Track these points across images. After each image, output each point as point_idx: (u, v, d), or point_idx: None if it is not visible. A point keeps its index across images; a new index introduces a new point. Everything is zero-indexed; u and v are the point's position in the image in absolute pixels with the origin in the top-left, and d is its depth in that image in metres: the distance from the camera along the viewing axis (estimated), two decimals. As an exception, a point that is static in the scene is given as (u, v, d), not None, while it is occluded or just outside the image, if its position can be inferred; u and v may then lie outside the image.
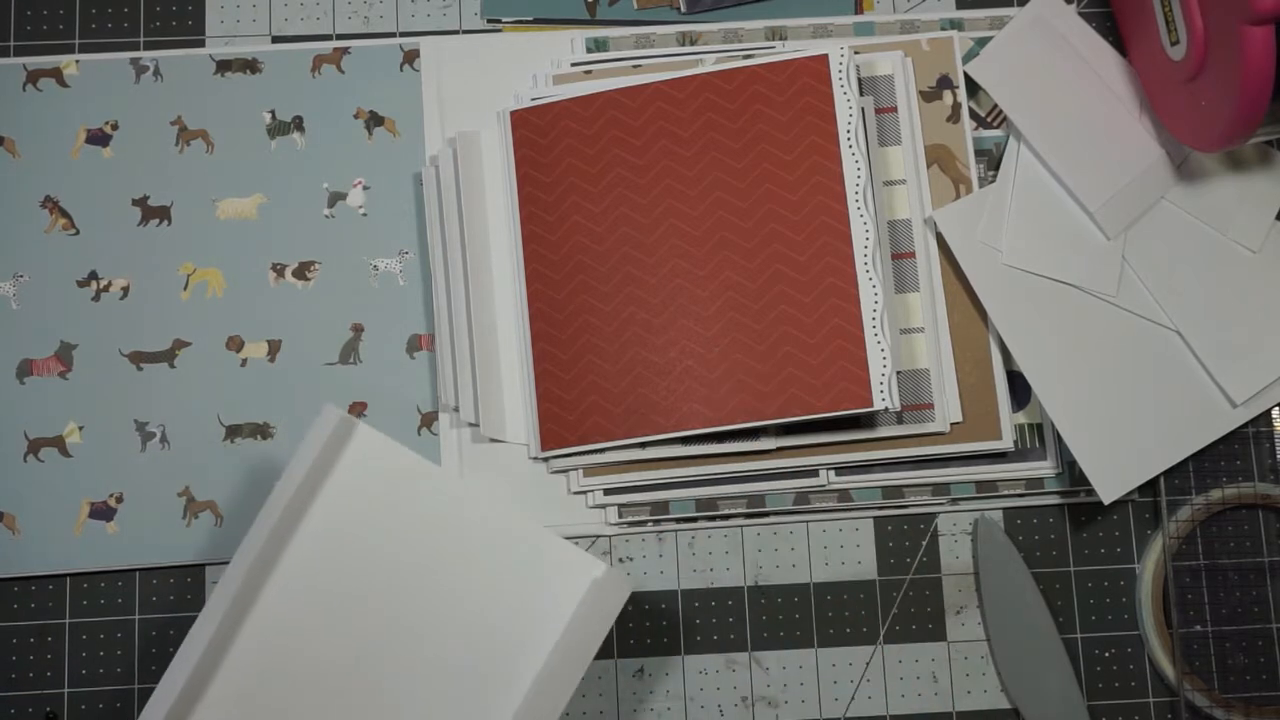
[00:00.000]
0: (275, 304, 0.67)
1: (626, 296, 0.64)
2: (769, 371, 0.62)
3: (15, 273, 0.67)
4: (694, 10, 0.69)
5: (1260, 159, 0.66)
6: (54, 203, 0.67)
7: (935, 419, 0.64)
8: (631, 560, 0.66)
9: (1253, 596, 0.65)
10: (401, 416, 0.66)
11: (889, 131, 0.66)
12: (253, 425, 0.66)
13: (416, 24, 0.70)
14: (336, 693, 0.58)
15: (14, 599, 0.65)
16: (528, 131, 0.66)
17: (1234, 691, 0.65)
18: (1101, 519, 0.66)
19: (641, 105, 0.65)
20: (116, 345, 0.66)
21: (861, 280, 0.62)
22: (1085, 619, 0.65)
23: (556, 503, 0.65)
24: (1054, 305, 0.64)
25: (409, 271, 0.67)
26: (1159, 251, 0.65)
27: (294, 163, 0.68)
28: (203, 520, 0.65)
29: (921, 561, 0.66)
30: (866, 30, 0.68)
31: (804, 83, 0.64)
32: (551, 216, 0.65)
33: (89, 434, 0.65)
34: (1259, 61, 0.54)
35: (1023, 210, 0.65)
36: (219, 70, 0.68)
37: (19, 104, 0.68)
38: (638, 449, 0.64)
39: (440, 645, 0.58)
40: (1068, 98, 0.66)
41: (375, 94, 0.68)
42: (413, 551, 0.59)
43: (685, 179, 0.64)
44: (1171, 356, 0.64)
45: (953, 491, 0.65)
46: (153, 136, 0.68)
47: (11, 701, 0.64)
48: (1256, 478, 0.66)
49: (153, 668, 0.64)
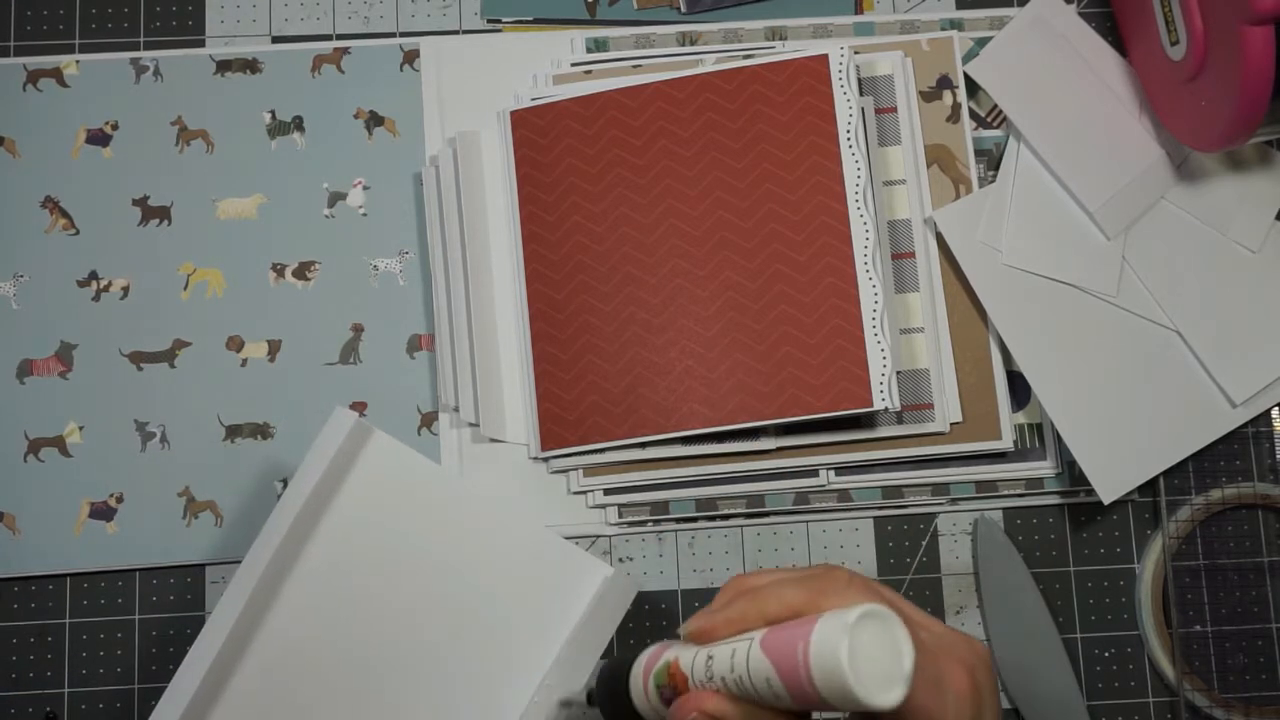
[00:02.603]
0: (275, 304, 0.67)
1: (626, 296, 0.64)
2: (769, 371, 0.62)
3: (15, 273, 0.67)
4: (694, 10, 0.69)
5: (1260, 159, 0.66)
6: (54, 203, 0.67)
7: (935, 419, 0.64)
8: (631, 560, 0.66)
9: (1252, 596, 0.65)
10: (401, 416, 0.66)
11: (889, 131, 0.66)
12: (253, 425, 0.66)
13: (416, 24, 0.70)
14: (346, 694, 0.58)
15: (14, 599, 0.65)
16: (528, 131, 0.66)
17: (1234, 691, 0.65)
18: (1101, 519, 0.66)
19: (641, 105, 0.65)
20: (116, 345, 0.66)
21: (861, 280, 0.62)
22: (1085, 619, 0.65)
23: (556, 503, 0.65)
24: (1054, 305, 0.64)
25: (409, 271, 0.67)
26: (1159, 251, 0.65)
27: (294, 163, 0.68)
28: (203, 520, 0.65)
29: (921, 561, 0.66)
30: (866, 30, 0.68)
31: (804, 83, 0.64)
32: (551, 216, 0.65)
33: (89, 434, 0.65)
34: (1259, 61, 0.54)
35: (1023, 210, 0.65)
36: (219, 70, 0.68)
37: (19, 104, 0.68)
38: (638, 449, 0.64)
39: (449, 647, 0.58)
40: (1068, 98, 0.66)
41: (375, 94, 0.68)
42: (422, 555, 0.59)
43: (685, 179, 0.64)
44: (1171, 356, 0.64)
45: (953, 491, 0.65)
46: (153, 136, 0.68)
47: (11, 701, 0.64)
48: (1256, 478, 0.66)
49: (153, 668, 0.64)
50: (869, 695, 0.34)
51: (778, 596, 0.39)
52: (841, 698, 0.35)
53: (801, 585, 0.39)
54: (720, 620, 0.40)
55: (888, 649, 0.35)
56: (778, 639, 0.37)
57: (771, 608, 0.39)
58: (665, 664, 0.42)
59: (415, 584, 0.59)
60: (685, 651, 0.42)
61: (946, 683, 0.39)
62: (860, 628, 0.35)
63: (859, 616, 0.35)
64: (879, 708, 0.35)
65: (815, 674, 0.35)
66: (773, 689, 0.37)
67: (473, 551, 0.60)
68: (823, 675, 0.35)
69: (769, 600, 0.40)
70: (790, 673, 0.36)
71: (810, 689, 0.35)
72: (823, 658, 0.35)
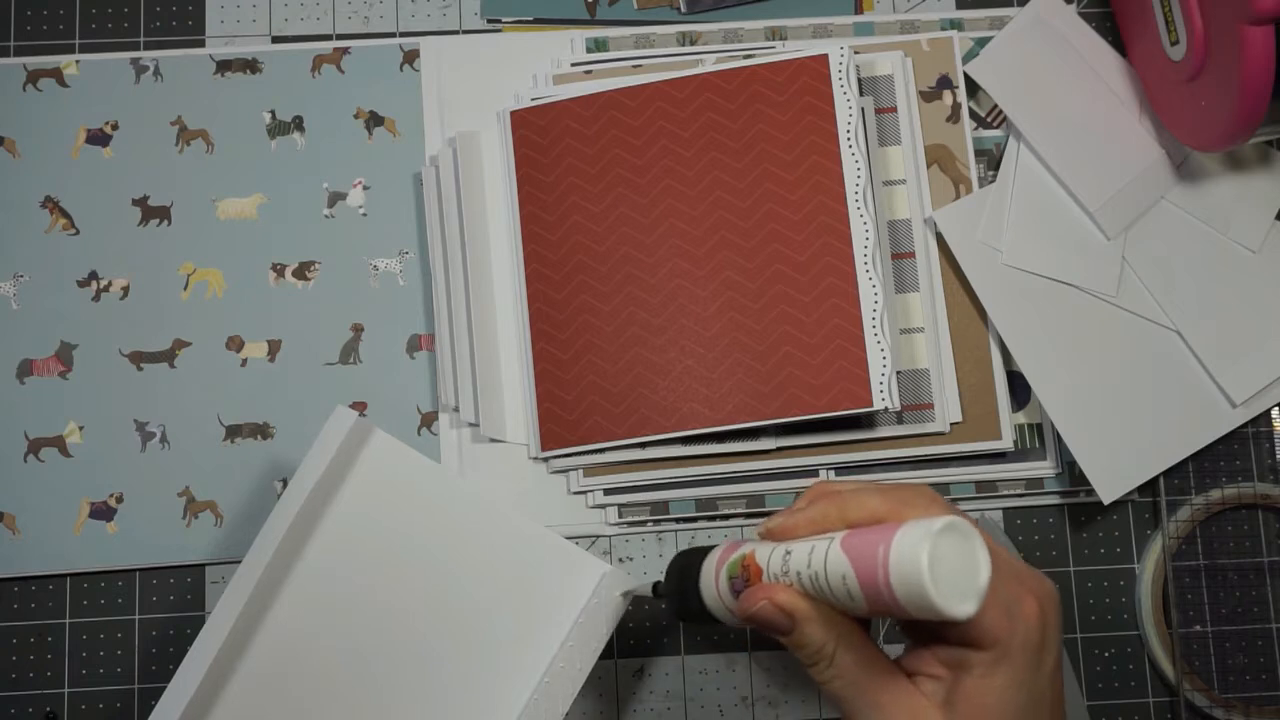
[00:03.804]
0: (275, 304, 0.67)
1: (626, 296, 0.64)
2: (769, 371, 0.62)
3: (15, 273, 0.67)
4: (694, 10, 0.69)
5: (1260, 159, 0.66)
6: (54, 203, 0.67)
7: (935, 419, 0.64)
8: (631, 560, 0.66)
9: (1252, 596, 0.65)
10: (401, 416, 0.66)
11: (889, 131, 0.66)
12: (253, 425, 0.66)
13: (416, 24, 0.70)
14: (344, 693, 0.58)
15: (14, 599, 0.65)
16: (528, 131, 0.66)
17: (1234, 691, 0.65)
18: (1101, 519, 0.66)
19: (641, 105, 0.65)
20: (116, 345, 0.66)
21: (861, 280, 0.62)
22: (1085, 619, 0.65)
23: (556, 503, 0.65)
24: (1054, 305, 0.64)
25: (409, 271, 0.67)
26: (1159, 251, 0.65)
27: (294, 163, 0.68)
28: (203, 520, 0.65)
29: (921, 561, 0.66)
30: (866, 30, 0.68)
31: (804, 83, 0.64)
32: (551, 216, 0.65)
33: (89, 434, 0.65)
34: (1259, 61, 0.54)
35: (1023, 210, 0.65)
36: (219, 70, 0.68)
37: (19, 104, 0.68)
38: (638, 449, 0.64)
39: (448, 646, 0.58)
40: (1068, 98, 0.66)
41: (375, 94, 0.68)
42: (422, 555, 0.59)
43: (685, 179, 0.64)
44: (1171, 356, 0.64)
45: (953, 491, 0.65)
46: (153, 136, 0.68)
47: (11, 701, 0.64)
48: (1256, 478, 0.66)
49: (153, 668, 0.64)
50: (945, 603, 0.35)
51: (860, 502, 0.40)
52: (918, 603, 0.35)
53: (886, 495, 0.40)
54: (802, 519, 0.41)
55: (966, 563, 0.36)
56: (859, 540, 0.38)
57: (853, 512, 0.40)
58: (740, 556, 0.43)
59: (414, 583, 0.59)
60: (762, 547, 0.42)
61: (1016, 607, 0.40)
62: (943, 537, 0.35)
63: (943, 526, 0.35)
64: (952, 618, 0.35)
65: (894, 577, 0.36)
66: (848, 589, 0.38)
67: (472, 551, 0.60)
68: (900, 579, 0.35)
69: (851, 504, 0.40)
70: (868, 574, 0.37)
71: (886, 592, 0.36)
72: (903, 561, 0.35)
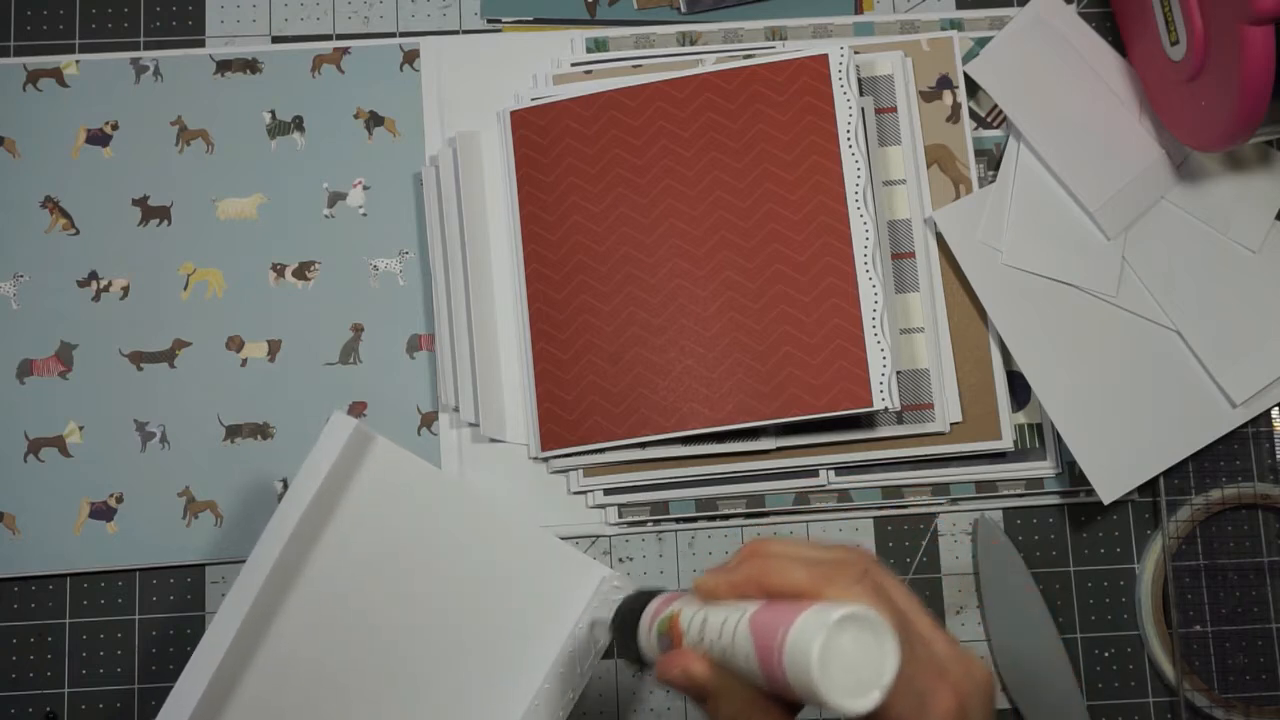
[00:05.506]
0: (275, 304, 0.67)
1: (626, 296, 0.64)
2: (769, 371, 0.62)
3: (15, 273, 0.67)
4: (694, 10, 0.69)
5: (1260, 159, 0.66)
6: (54, 203, 0.67)
7: (935, 419, 0.64)
8: (631, 560, 0.66)
9: (1252, 596, 0.65)
10: (401, 416, 0.66)
11: (889, 131, 0.66)
12: (253, 425, 0.66)
13: (416, 24, 0.70)
14: (347, 697, 0.58)
15: (14, 599, 0.65)
16: (528, 131, 0.66)
17: (1234, 691, 0.65)
18: (1101, 519, 0.66)
19: (641, 105, 0.65)
20: (116, 345, 0.66)
21: (861, 280, 0.62)
22: (1085, 619, 0.65)
23: (556, 503, 0.65)
24: (1054, 305, 0.64)
25: (409, 271, 0.67)
26: (1159, 251, 0.65)
27: (294, 163, 0.68)
28: (203, 520, 0.65)
29: (921, 561, 0.66)
30: (866, 30, 0.68)
31: (804, 83, 0.64)
32: (551, 216, 0.65)
33: (89, 434, 0.65)
34: (1259, 61, 0.54)
35: (1023, 210, 0.65)
36: (219, 70, 0.68)
37: (19, 104, 0.68)
38: (638, 449, 0.64)
39: (451, 649, 0.59)
40: (1068, 98, 0.66)
41: (375, 94, 0.68)
42: (424, 559, 0.59)
43: (685, 179, 0.64)
44: (1171, 356, 0.64)
45: (952, 491, 0.65)
46: (153, 136, 0.68)
47: (11, 701, 0.64)
48: (1256, 478, 0.66)
49: (152, 668, 0.64)
50: (834, 698, 0.33)
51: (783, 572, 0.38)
52: (808, 694, 0.34)
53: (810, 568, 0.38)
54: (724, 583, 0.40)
55: (870, 655, 0.34)
56: (767, 618, 0.36)
57: (774, 581, 0.38)
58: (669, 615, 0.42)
59: (416, 589, 0.59)
60: (689, 606, 0.41)
61: (930, 702, 0.37)
62: (842, 628, 0.34)
63: (841, 617, 0.34)
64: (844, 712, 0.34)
65: (787, 664, 0.34)
66: (750, 667, 0.36)
67: (473, 555, 0.60)
68: (793, 668, 0.34)
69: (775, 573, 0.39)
70: (766, 657, 0.35)
71: (781, 678, 0.35)
72: (796, 650, 0.34)
